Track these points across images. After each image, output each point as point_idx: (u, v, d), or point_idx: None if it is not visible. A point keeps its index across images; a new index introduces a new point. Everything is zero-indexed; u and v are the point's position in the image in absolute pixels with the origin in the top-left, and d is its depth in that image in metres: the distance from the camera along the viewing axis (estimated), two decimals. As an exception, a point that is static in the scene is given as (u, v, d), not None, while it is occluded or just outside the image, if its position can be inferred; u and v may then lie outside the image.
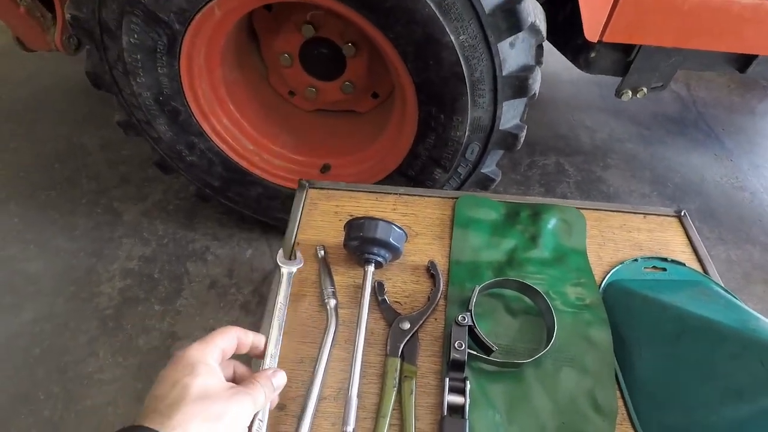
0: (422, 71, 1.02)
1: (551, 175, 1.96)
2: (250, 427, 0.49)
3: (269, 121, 1.41)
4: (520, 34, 0.98)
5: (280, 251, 0.72)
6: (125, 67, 1.09)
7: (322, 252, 0.74)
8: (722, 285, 0.75)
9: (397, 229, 0.70)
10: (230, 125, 1.32)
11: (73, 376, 1.24)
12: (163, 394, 0.42)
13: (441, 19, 0.92)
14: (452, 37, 0.94)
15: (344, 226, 0.72)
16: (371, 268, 0.69)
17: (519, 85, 1.02)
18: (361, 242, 0.69)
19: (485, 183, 1.27)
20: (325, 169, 1.40)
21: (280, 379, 0.52)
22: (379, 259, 0.70)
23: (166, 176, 1.44)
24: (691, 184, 2.02)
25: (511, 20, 0.93)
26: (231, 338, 0.50)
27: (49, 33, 1.35)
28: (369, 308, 0.66)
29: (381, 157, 1.31)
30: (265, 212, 1.47)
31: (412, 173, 1.25)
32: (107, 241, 1.57)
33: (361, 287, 0.68)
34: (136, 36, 1.03)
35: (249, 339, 0.53)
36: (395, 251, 0.71)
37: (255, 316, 1.39)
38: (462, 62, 0.98)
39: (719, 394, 0.57)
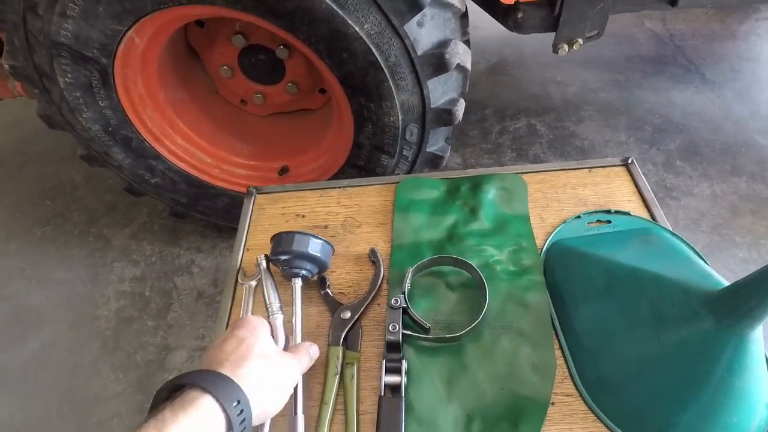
0: (340, 65, 1.04)
1: (523, 138, 1.94)
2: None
3: (224, 132, 1.45)
4: (426, 11, 0.98)
5: (241, 273, 0.75)
6: (69, 105, 1.15)
7: (264, 263, 0.72)
8: (670, 228, 0.75)
9: (321, 241, 0.70)
10: (185, 143, 1.37)
11: (81, 396, 1.35)
12: (231, 349, 0.51)
13: (340, 12, 0.93)
14: (356, 28, 0.95)
15: (270, 240, 0.71)
16: (299, 282, 0.69)
17: (437, 62, 1.03)
18: (286, 256, 0.69)
19: (435, 161, 1.29)
20: (283, 171, 1.44)
21: (315, 350, 0.63)
22: (304, 272, 0.69)
23: (148, 199, 1.51)
24: (671, 123, 1.96)
25: (409, 1, 0.93)
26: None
27: (9, 80, 1.42)
28: (303, 317, 0.68)
29: (332, 152, 1.34)
30: (236, 220, 1.51)
31: (361, 163, 1.27)
32: (100, 266, 1.66)
33: (292, 303, 0.68)
34: (69, 75, 1.08)
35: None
36: (322, 264, 0.71)
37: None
38: (373, 50, 0.99)
39: (641, 340, 0.58)
